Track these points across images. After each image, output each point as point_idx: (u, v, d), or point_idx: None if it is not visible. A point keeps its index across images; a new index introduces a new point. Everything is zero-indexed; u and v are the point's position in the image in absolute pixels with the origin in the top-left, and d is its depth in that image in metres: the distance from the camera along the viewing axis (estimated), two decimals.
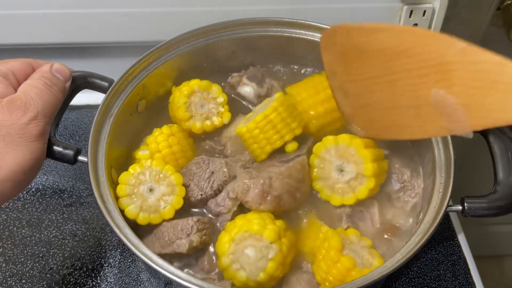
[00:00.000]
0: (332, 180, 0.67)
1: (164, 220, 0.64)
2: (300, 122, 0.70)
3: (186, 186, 0.67)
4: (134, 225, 0.62)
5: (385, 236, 0.67)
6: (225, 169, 0.68)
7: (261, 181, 0.64)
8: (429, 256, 0.77)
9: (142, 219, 0.63)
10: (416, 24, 0.88)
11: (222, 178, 0.68)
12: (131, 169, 0.65)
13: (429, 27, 0.88)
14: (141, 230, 0.64)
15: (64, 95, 0.64)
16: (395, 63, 0.57)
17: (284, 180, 0.65)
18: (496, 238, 1.59)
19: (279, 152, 0.70)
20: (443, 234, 0.80)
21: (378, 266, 0.57)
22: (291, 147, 0.69)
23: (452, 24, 0.98)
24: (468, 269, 0.76)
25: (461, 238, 0.79)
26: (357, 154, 0.66)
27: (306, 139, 0.71)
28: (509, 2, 0.95)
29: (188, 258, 0.64)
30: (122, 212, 0.62)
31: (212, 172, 0.68)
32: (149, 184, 0.65)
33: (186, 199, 0.66)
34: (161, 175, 0.65)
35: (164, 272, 0.54)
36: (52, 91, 0.60)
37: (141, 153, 0.70)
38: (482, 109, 0.50)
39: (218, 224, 0.66)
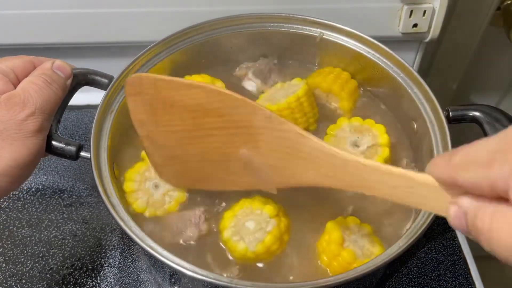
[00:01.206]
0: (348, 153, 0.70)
1: (169, 213, 0.66)
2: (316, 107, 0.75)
3: None
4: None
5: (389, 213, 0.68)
6: None
7: None
8: (429, 256, 0.77)
9: (148, 213, 0.66)
10: (416, 24, 0.88)
11: None
12: (136, 167, 0.67)
13: (429, 27, 0.88)
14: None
15: (64, 92, 0.64)
16: (204, 120, 0.57)
17: None
18: None
19: None
20: (443, 234, 0.80)
21: (378, 254, 0.58)
22: (312, 127, 0.74)
23: (452, 24, 0.98)
24: (468, 269, 0.76)
25: (461, 238, 0.79)
26: (372, 128, 0.71)
27: (319, 132, 0.74)
28: (509, 2, 0.95)
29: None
30: (125, 205, 0.63)
31: None
32: (154, 181, 0.67)
33: None
34: None
35: (170, 263, 0.54)
36: (51, 88, 0.61)
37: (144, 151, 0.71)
38: (286, 170, 0.55)
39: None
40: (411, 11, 0.86)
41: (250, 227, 0.62)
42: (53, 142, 0.63)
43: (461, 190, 0.36)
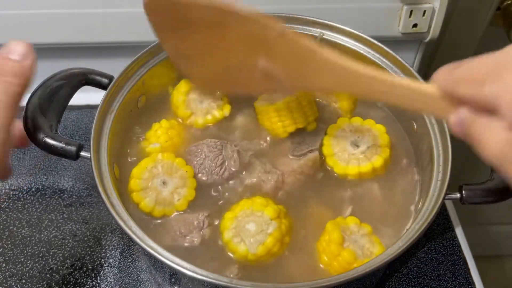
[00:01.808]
0: (348, 153, 0.70)
1: (177, 212, 0.66)
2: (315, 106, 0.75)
3: (193, 164, 0.69)
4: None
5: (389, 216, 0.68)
6: (236, 158, 0.70)
7: (275, 177, 0.68)
8: (429, 256, 0.77)
9: (157, 211, 0.65)
10: (416, 25, 0.88)
11: (233, 168, 0.69)
12: (143, 163, 0.67)
13: (429, 27, 0.88)
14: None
15: (24, 77, 0.52)
16: (221, 34, 0.60)
17: (296, 176, 0.70)
18: (496, 238, 1.59)
19: (293, 136, 0.73)
20: (443, 234, 0.80)
21: (378, 254, 0.58)
22: (312, 126, 0.74)
23: (452, 24, 0.98)
24: (468, 269, 0.76)
25: (461, 239, 0.79)
26: (372, 128, 0.72)
27: (319, 132, 0.74)
28: (509, 2, 0.96)
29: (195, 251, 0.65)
30: (126, 205, 0.62)
31: (224, 160, 0.69)
32: (162, 178, 0.66)
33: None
34: (173, 168, 0.67)
35: (170, 263, 0.54)
36: (3, 78, 0.51)
37: (151, 147, 0.71)
38: (302, 78, 0.58)
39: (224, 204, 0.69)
40: (411, 11, 0.86)
41: (251, 229, 0.62)
42: (53, 142, 0.63)
43: (461, 100, 0.39)
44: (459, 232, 0.80)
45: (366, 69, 0.50)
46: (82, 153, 0.64)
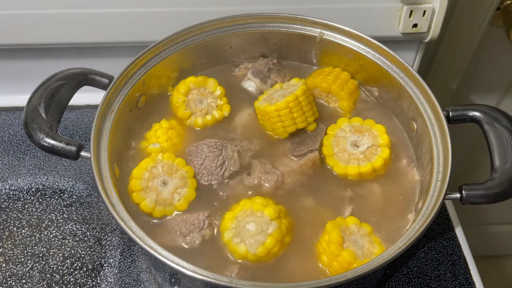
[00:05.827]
0: (348, 153, 0.71)
1: (177, 212, 0.66)
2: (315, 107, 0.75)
3: (193, 164, 0.70)
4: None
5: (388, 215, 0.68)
6: (236, 158, 0.70)
7: (275, 177, 0.69)
8: (429, 256, 0.77)
9: (158, 212, 0.65)
10: (416, 25, 0.88)
11: (233, 168, 0.70)
12: (143, 163, 0.67)
13: (429, 27, 0.88)
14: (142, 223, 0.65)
15: None
16: None
17: (296, 177, 0.70)
18: (496, 238, 1.59)
19: (293, 136, 0.74)
20: (443, 234, 0.80)
21: (378, 254, 0.58)
22: (312, 127, 0.74)
23: (452, 24, 0.98)
24: (468, 269, 0.76)
25: (461, 239, 0.79)
26: (372, 128, 0.72)
27: (319, 132, 0.74)
28: (509, 2, 0.96)
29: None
30: (126, 205, 0.62)
31: (224, 160, 0.69)
32: (162, 178, 0.67)
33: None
34: (173, 168, 0.67)
35: (170, 263, 0.55)
36: None
37: (152, 147, 0.71)
38: None
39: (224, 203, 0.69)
40: (411, 11, 0.86)
41: (251, 229, 0.62)
42: (53, 142, 0.63)
43: None
44: (459, 232, 0.80)
45: None
46: (82, 153, 0.64)
